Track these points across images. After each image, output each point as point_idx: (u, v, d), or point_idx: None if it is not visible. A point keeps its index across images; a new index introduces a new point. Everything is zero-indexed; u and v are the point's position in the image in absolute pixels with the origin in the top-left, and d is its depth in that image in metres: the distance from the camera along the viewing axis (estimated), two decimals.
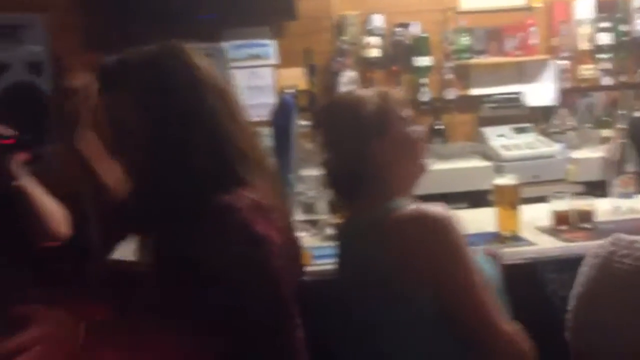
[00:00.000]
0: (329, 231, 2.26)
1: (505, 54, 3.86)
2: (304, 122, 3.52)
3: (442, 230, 1.42)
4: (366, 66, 3.78)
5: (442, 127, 3.85)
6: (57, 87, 1.77)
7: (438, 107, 3.85)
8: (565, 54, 3.88)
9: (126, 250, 2.57)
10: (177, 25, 3.39)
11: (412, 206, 1.48)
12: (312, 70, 3.61)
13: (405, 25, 3.80)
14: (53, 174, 2.78)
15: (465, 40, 3.80)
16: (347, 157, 1.54)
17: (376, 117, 1.54)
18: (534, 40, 3.82)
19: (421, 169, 1.60)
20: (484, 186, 3.01)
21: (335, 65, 3.67)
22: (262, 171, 1.31)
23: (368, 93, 1.59)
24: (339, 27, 3.77)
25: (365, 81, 3.75)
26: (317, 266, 1.90)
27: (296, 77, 3.67)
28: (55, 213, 2.12)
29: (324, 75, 3.71)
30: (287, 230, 1.33)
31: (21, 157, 2.06)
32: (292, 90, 3.54)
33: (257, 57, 3.78)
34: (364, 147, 1.52)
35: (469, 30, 3.81)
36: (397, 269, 1.42)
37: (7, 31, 2.83)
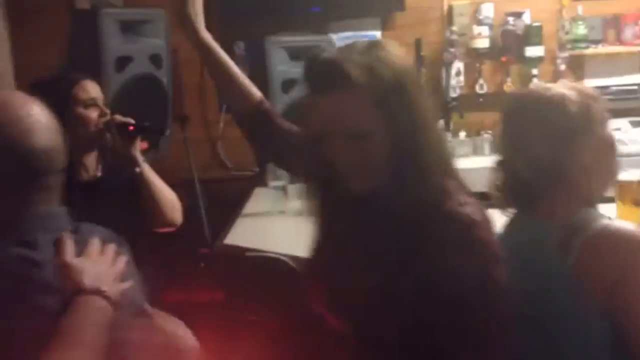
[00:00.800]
0: None
1: (624, 43, 3.67)
2: None
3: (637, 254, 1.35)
4: (475, 57, 3.69)
5: None
6: None
7: None
8: None
9: (236, 237, 2.66)
10: (287, 18, 3.49)
11: (610, 224, 1.39)
12: (420, 62, 3.57)
13: (516, 14, 3.69)
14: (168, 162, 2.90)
15: (581, 29, 3.64)
16: (543, 157, 1.43)
17: (582, 114, 1.43)
18: None
19: (613, 175, 1.52)
20: None
21: (447, 56, 3.61)
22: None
23: (565, 88, 1.47)
24: (449, 18, 3.71)
25: (473, 72, 3.68)
26: None
27: None
28: (171, 200, 2.21)
29: (432, 67, 3.67)
30: None
31: (141, 145, 2.17)
32: None
33: None
34: (567, 147, 1.42)
35: (584, 19, 3.65)
36: (581, 286, 1.36)
37: (133, 25, 2.96)
